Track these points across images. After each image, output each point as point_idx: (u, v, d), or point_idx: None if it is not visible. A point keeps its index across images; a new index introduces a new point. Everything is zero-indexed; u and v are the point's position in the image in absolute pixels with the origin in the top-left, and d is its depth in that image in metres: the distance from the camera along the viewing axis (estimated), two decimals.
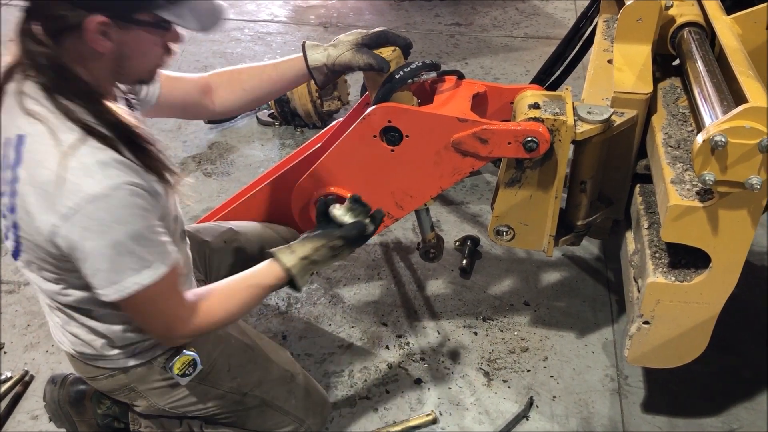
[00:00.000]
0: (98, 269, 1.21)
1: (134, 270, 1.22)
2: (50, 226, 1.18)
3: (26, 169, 1.19)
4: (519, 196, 1.74)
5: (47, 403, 1.77)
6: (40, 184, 1.17)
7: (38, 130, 1.18)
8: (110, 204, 1.17)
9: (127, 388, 1.52)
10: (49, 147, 1.17)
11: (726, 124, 1.28)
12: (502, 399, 2.02)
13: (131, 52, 1.22)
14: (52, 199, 1.16)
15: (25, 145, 1.19)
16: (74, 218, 1.16)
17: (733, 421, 1.95)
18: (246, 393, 1.60)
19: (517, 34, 4.26)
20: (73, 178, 1.15)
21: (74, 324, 1.42)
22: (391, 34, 1.65)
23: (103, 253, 1.19)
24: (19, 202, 1.21)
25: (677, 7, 1.89)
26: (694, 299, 1.54)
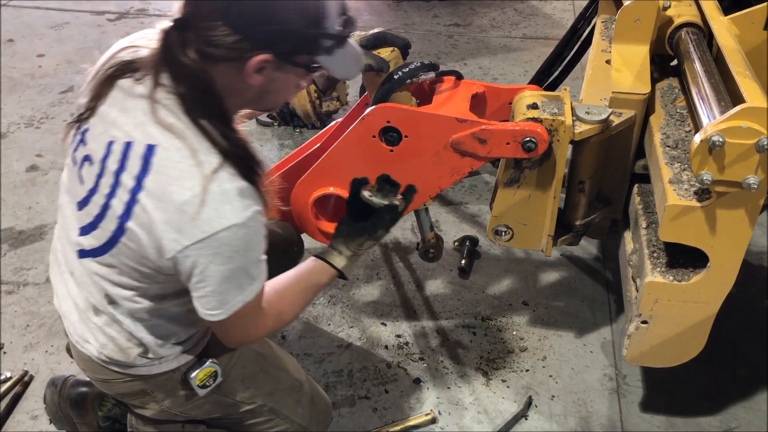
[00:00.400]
0: (214, 291, 1.22)
1: (242, 289, 1.25)
2: (178, 246, 1.16)
3: (157, 182, 1.17)
4: (517, 196, 1.74)
5: (47, 406, 1.77)
6: (177, 204, 1.15)
7: (176, 145, 1.17)
8: (245, 233, 1.18)
9: (142, 392, 1.49)
10: (189, 166, 1.16)
11: (723, 124, 1.29)
12: (501, 398, 2.02)
13: (276, 88, 1.25)
14: (189, 222, 1.15)
15: (156, 156, 1.17)
16: (207, 243, 1.16)
17: (731, 420, 1.95)
18: (257, 403, 1.59)
19: (516, 35, 4.27)
20: (213, 203, 1.15)
21: (116, 328, 1.37)
22: (389, 35, 1.66)
23: (225, 276, 1.20)
24: (138, 212, 1.18)
25: (675, 8, 1.90)
26: (692, 299, 1.55)
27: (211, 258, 1.18)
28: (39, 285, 2.39)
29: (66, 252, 1.40)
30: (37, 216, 2.74)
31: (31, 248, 2.56)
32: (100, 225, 1.26)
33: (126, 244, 1.23)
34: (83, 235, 1.31)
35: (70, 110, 3.46)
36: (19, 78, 3.77)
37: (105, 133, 1.24)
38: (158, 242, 1.18)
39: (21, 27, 4.36)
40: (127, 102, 1.22)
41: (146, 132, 1.19)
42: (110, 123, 1.23)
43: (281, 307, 1.41)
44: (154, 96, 1.19)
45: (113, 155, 1.21)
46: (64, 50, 4.06)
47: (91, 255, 1.30)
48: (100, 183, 1.24)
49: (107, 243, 1.26)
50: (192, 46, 1.17)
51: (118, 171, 1.20)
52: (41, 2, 4.72)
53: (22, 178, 2.96)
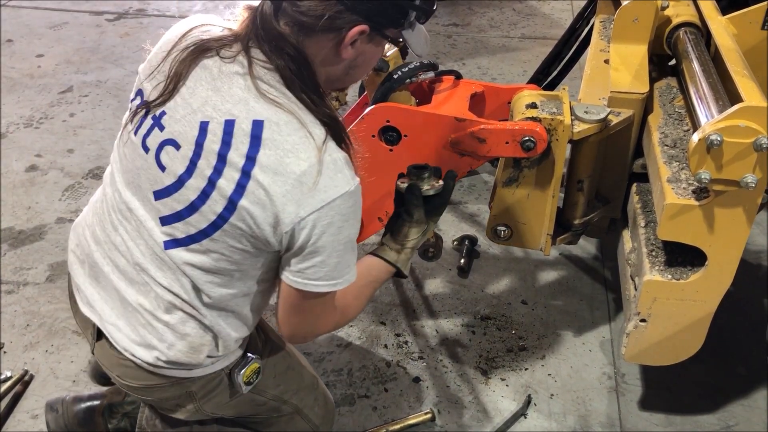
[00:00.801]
0: (325, 263, 1.22)
1: (350, 267, 1.27)
2: (296, 218, 1.16)
3: (271, 156, 1.15)
4: (516, 196, 1.75)
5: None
6: (296, 175, 1.15)
7: (284, 118, 1.17)
8: (355, 201, 1.21)
9: (185, 395, 1.42)
10: (301, 138, 1.16)
11: (721, 123, 1.29)
12: (500, 397, 2.03)
13: (362, 62, 1.26)
14: (307, 192, 1.15)
15: (266, 131, 1.16)
16: (324, 212, 1.17)
17: (730, 418, 1.96)
18: (285, 400, 1.57)
19: (514, 35, 4.28)
20: (328, 173, 1.16)
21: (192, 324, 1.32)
22: None
23: (336, 248, 1.21)
24: (252, 188, 1.16)
25: (673, 8, 1.90)
26: (691, 297, 1.55)
27: (326, 227, 1.18)
28: (39, 285, 2.40)
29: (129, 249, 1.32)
30: (37, 216, 2.74)
31: (31, 248, 2.57)
32: (201, 208, 1.21)
33: (234, 225, 1.19)
34: (171, 224, 1.25)
35: (69, 110, 3.47)
36: (18, 78, 3.77)
37: (193, 114, 1.20)
38: (276, 216, 1.17)
39: (20, 27, 4.36)
40: (219, 81, 1.20)
41: (250, 108, 1.17)
42: (200, 104, 1.20)
43: (346, 302, 1.39)
44: (252, 71, 1.18)
45: (212, 135, 1.18)
46: (63, 50, 4.06)
47: (184, 244, 1.25)
48: (198, 165, 1.19)
49: (210, 226, 1.21)
50: (286, 17, 1.16)
51: (222, 150, 1.17)
52: (40, 2, 4.72)
53: (21, 178, 2.97)
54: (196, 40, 1.22)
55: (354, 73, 1.29)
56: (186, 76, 1.21)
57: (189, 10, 4.53)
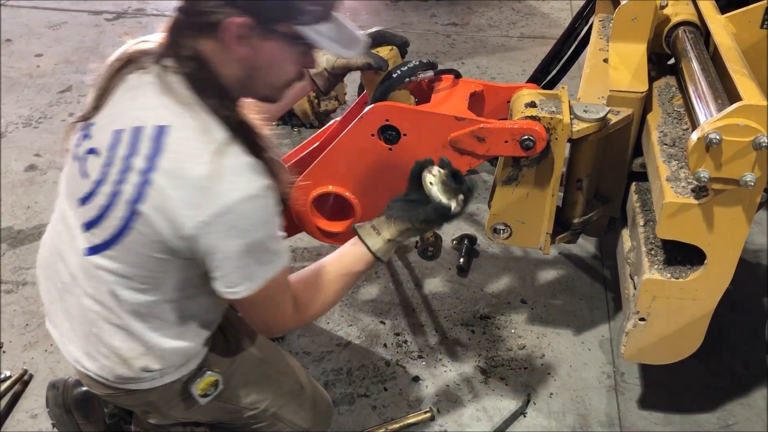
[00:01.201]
0: (235, 267, 1.21)
1: (263, 264, 1.24)
2: (196, 222, 1.16)
3: (172, 160, 1.16)
4: (516, 195, 1.75)
5: (51, 410, 1.74)
6: (193, 180, 1.15)
7: (188, 123, 1.17)
8: (259, 205, 1.18)
9: (146, 404, 1.48)
10: (203, 143, 1.16)
11: (720, 121, 1.29)
12: (500, 396, 2.03)
13: (264, 62, 1.21)
14: (205, 196, 1.15)
15: (168, 136, 1.16)
16: (224, 216, 1.15)
17: (729, 417, 1.96)
18: (260, 408, 1.58)
19: (513, 34, 4.28)
20: (227, 176, 1.15)
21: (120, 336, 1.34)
22: (388, 34, 1.66)
23: (245, 251, 1.19)
24: (151, 193, 1.17)
25: (672, 7, 1.90)
26: (690, 296, 1.55)
27: (229, 231, 1.17)
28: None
29: (65, 259, 1.36)
30: (36, 215, 2.74)
31: (30, 247, 2.56)
32: (108, 215, 1.23)
33: (138, 230, 1.21)
34: (89, 230, 1.28)
35: (68, 110, 3.47)
36: (17, 78, 3.76)
37: (112, 123, 1.24)
38: (174, 221, 1.17)
39: (19, 27, 4.36)
40: (136, 91, 1.23)
41: (157, 114, 1.19)
42: (119, 113, 1.24)
43: (308, 298, 1.39)
44: (163, 79, 1.20)
45: (122, 142, 1.21)
46: (62, 50, 4.06)
47: (100, 250, 1.27)
48: (109, 172, 1.22)
49: (117, 233, 1.23)
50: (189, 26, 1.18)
51: (127, 155, 1.19)
52: (39, 2, 4.72)
53: (20, 178, 2.96)
54: (123, 54, 1.27)
55: (263, 75, 1.24)
56: (112, 88, 1.25)
57: None
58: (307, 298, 1.39)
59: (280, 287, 1.31)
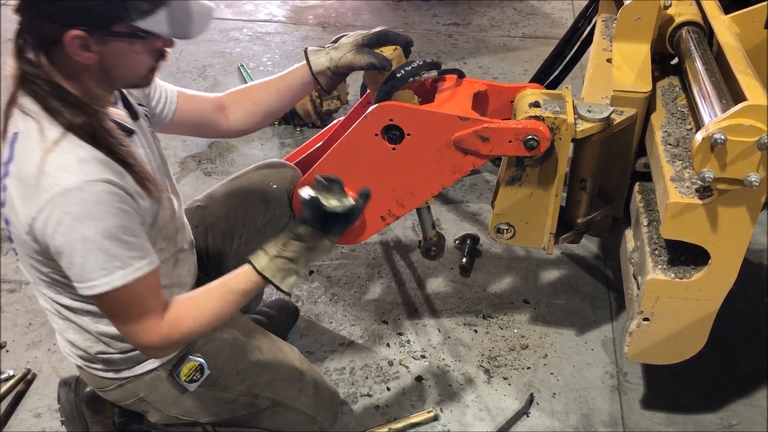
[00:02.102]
0: (71, 263, 1.22)
1: (105, 270, 1.22)
2: (29, 219, 1.20)
3: (15, 163, 1.22)
4: (519, 194, 1.75)
5: (62, 406, 1.76)
6: (23, 178, 1.20)
7: (29, 126, 1.22)
8: (83, 198, 1.18)
9: (138, 398, 1.51)
10: (35, 143, 1.20)
11: (725, 121, 1.29)
12: (503, 396, 2.03)
13: (114, 62, 1.23)
14: (32, 192, 1.19)
15: (17, 142, 1.23)
16: (47, 210, 1.18)
17: (732, 417, 1.96)
18: (257, 395, 1.60)
19: (515, 34, 4.28)
20: (51, 171, 1.18)
21: (72, 330, 1.43)
22: (391, 33, 1.66)
23: (74, 247, 1.20)
24: (6, 197, 1.25)
25: (676, 7, 1.90)
26: (694, 296, 1.55)
27: (55, 226, 1.18)
28: None
29: None
30: None
31: None
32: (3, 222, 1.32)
33: (14, 234, 1.28)
34: None
35: None
36: None
37: None
38: (20, 220, 1.22)
39: None
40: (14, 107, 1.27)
41: (15, 124, 1.24)
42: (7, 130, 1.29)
43: (181, 312, 1.33)
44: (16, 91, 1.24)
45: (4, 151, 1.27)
46: None
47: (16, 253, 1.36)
48: None
49: (9, 239, 1.32)
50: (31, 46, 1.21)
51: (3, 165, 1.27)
52: None
53: None
54: None
55: (118, 73, 1.26)
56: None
57: None
58: (180, 312, 1.34)
59: (137, 299, 1.27)
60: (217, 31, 4.22)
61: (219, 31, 4.22)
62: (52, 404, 1.95)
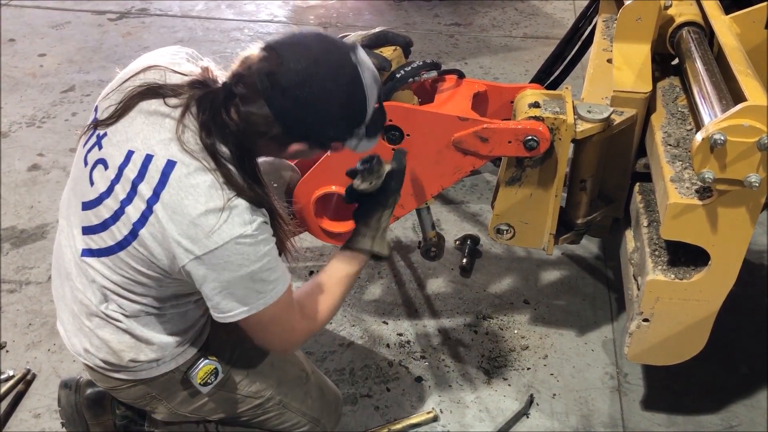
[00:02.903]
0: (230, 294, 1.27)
1: (261, 293, 1.29)
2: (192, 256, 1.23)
3: (173, 196, 1.23)
4: (519, 195, 1.75)
5: (63, 408, 1.75)
6: (192, 217, 1.22)
7: (195, 165, 1.23)
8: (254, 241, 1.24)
9: (149, 397, 1.51)
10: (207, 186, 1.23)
11: (725, 122, 1.29)
12: (503, 397, 2.03)
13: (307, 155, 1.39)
14: (201, 234, 1.22)
15: (175, 172, 1.23)
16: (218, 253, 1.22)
17: (732, 418, 1.96)
18: (264, 396, 1.60)
19: (517, 34, 4.28)
20: (225, 216, 1.22)
21: (109, 329, 1.40)
22: (391, 34, 1.66)
23: (237, 282, 1.26)
24: (152, 221, 1.24)
25: (676, 7, 1.90)
26: (694, 297, 1.55)
27: (223, 266, 1.24)
28: (41, 284, 2.40)
29: (65, 253, 1.42)
30: (39, 215, 2.74)
31: (33, 247, 2.57)
32: (111, 227, 1.30)
33: (137, 249, 1.28)
34: (87, 235, 1.34)
35: (71, 109, 3.47)
36: (20, 77, 3.77)
37: (126, 142, 1.28)
38: (171, 252, 1.24)
39: (22, 26, 4.36)
40: (155, 120, 1.28)
41: (168, 149, 1.25)
42: (134, 134, 1.28)
43: (314, 308, 1.45)
44: (182, 120, 1.26)
45: (132, 165, 1.26)
46: (66, 50, 4.07)
47: (97, 255, 1.34)
48: (115, 188, 1.28)
49: (117, 245, 1.30)
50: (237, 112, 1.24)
51: (136, 180, 1.26)
52: (42, 2, 4.73)
53: (23, 177, 2.97)
54: (152, 82, 1.31)
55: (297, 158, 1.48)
56: (132, 107, 1.30)
57: (191, 9, 4.54)
58: (313, 306, 1.45)
59: (282, 308, 1.35)
60: (218, 32, 4.23)
61: (220, 32, 4.23)
62: (51, 405, 1.95)
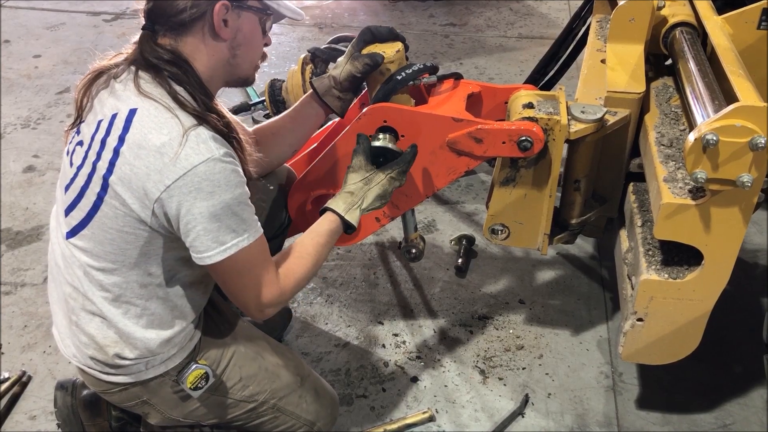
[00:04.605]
0: (204, 230, 1.27)
1: (236, 232, 1.30)
2: (162, 187, 1.24)
3: (137, 134, 1.26)
4: (514, 195, 1.75)
5: (59, 410, 1.75)
6: (156, 147, 1.24)
7: (155, 105, 1.28)
8: (223, 167, 1.26)
9: (140, 401, 1.51)
10: (167, 118, 1.26)
11: (717, 122, 1.30)
12: (498, 396, 2.03)
13: (244, 40, 1.37)
14: (168, 162, 1.23)
15: (137, 116, 1.27)
16: (188, 178, 1.23)
17: (727, 416, 1.97)
18: (258, 401, 1.60)
19: (512, 35, 4.28)
20: (190, 143, 1.24)
21: (95, 324, 1.41)
22: (373, 28, 1.66)
23: (212, 213, 1.26)
24: (120, 164, 1.27)
25: (669, 7, 1.91)
26: (687, 296, 1.56)
27: (195, 194, 1.25)
28: (37, 286, 2.40)
29: (55, 250, 1.45)
30: (34, 217, 2.74)
31: (29, 249, 2.57)
32: (86, 193, 1.33)
33: (109, 203, 1.30)
34: (69, 214, 1.37)
35: (67, 111, 3.46)
36: (15, 79, 3.76)
37: (95, 115, 1.35)
38: (142, 188, 1.26)
39: (17, 28, 4.36)
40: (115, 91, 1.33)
41: (130, 102, 1.30)
42: (99, 108, 1.34)
43: (289, 264, 1.44)
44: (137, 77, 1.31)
45: (101, 128, 1.32)
46: (61, 51, 4.06)
47: (77, 231, 1.36)
48: (88, 155, 1.33)
49: (92, 208, 1.32)
50: (162, 29, 1.31)
51: (104, 138, 1.30)
52: (37, 3, 4.72)
53: (18, 179, 2.96)
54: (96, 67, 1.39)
55: (241, 53, 1.39)
56: (90, 91, 1.37)
57: None
58: (287, 264, 1.44)
59: (257, 256, 1.36)
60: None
61: None
62: (47, 406, 1.95)
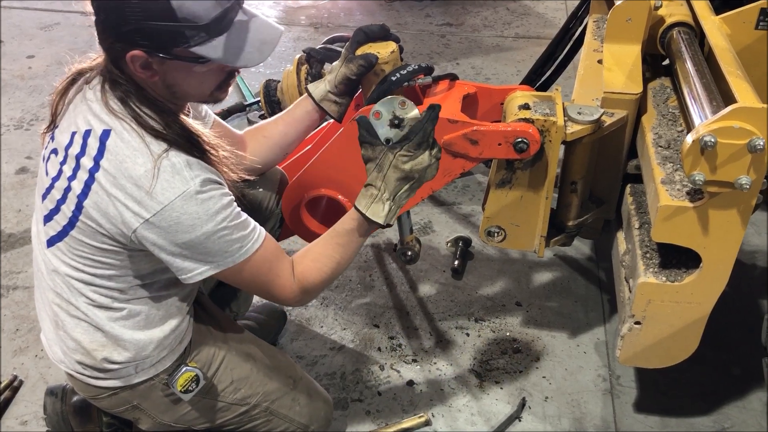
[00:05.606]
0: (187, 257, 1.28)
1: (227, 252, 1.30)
2: (141, 220, 1.24)
3: (112, 161, 1.25)
4: (510, 197, 1.74)
5: (48, 416, 1.74)
6: (133, 179, 1.24)
7: (126, 128, 1.26)
8: (200, 199, 1.25)
9: (130, 406, 1.50)
10: (140, 144, 1.25)
11: (715, 124, 1.28)
12: (495, 400, 2.01)
13: (177, 80, 1.29)
14: (145, 195, 1.23)
15: (110, 139, 1.26)
16: (166, 213, 1.23)
17: (725, 420, 1.95)
18: (250, 404, 1.59)
19: (508, 34, 4.27)
20: (164, 175, 1.23)
21: (81, 329, 1.40)
22: (365, 28, 1.66)
23: (194, 244, 1.27)
24: (95, 189, 1.26)
25: (666, 7, 1.89)
26: (685, 299, 1.54)
27: (175, 227, 1.25)
28: (28, 289, 2.37)
29: (37, 256, 1.44)
30: (27, 219, 2.71)
31: (21, 251, 2.54)
32: (62, 207, 1.32)
33: (84, 222, 1.30)
34: (47, 223, 1.37)
35: None
36: (8, 79, 3.74)
37: (69, 125, 1.33)
38: (119, 217, 1.26)
39: (10, 28, 4.33)
40: (88, 101, 1.32)
41: (102, 119, 1.28)
42: (73, 117, 1.33)
43: (303, 267, 1.44)
44: (104, 89, 1.30)
45: (75, 143, 1.30)
46: (55, 51, 4.04)
47: (57, 240, 1.36)
48: (63, 169, 1.31)
49: (68, 224, 1.32)
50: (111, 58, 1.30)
51: (79, 155, 1.29)
52: (31, 3, 4.70)
53: (11, 181, 2.94)
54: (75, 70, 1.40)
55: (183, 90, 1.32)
56: (67, 95, 1.37)
57: None
58: (302, 267, 1.44)
59: (265, 262, 1.36)
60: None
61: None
62: (38, 411, 1.93)
